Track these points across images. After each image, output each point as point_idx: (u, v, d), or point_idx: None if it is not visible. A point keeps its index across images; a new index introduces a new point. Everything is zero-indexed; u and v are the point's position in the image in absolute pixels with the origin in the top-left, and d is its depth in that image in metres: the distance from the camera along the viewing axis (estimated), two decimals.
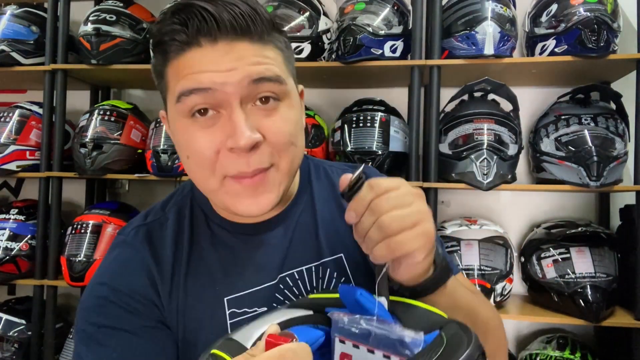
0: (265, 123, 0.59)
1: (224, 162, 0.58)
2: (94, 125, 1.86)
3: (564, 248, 1.62)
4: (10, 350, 1.87)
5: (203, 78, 0.56)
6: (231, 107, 0.57)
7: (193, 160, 0.61)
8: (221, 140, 0.58)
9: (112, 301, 0.63)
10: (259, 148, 0.58)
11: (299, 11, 1.77)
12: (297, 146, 0.62)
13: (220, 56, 0.57)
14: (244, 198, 0.60)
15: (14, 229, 1.91)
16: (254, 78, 0.57)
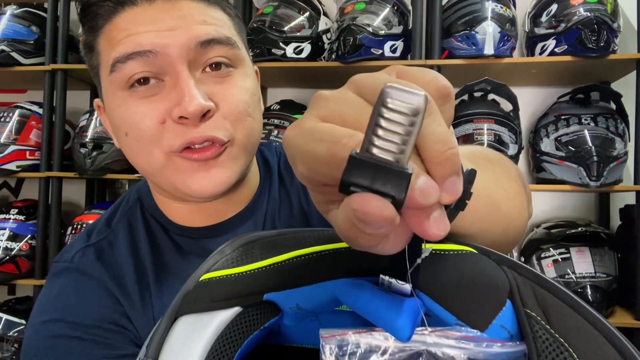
0: (218, 90, 0.51)
1: (171, 134, 0.49)
2: (94, 125, 1.86)
3: (564, 248, 1.62)
4: (10, 350, 1.87)
5: (141, 39, 0.48)
6: (176, 71, 0.49)
7: (132, 136, 0.51)
8: (166, 108, 0.49)
9: (74, 337, 0.51)
10: (211, 118, 0.50)
11: (299, 11, 1.77)
12: (254, 118, 0.54)
13: (159, 13, 0.49)
14: (194, 173, 0.51)
15: (14, 229, 1.91)
16: (202, 40, 0.49)
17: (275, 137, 1.74)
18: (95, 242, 0.59)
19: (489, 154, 0.53)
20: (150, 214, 0.62)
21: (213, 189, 0.51)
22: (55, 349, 0.50)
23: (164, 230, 0.61)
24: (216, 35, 0.50)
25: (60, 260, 0.58)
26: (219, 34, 0.50)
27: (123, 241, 0.59)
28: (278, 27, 1.72)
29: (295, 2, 1.79)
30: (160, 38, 0.48)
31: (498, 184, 0.45)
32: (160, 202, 0.61)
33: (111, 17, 0.50)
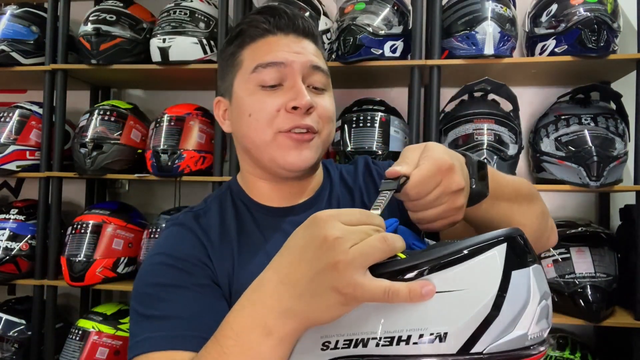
0: (317, 99, 0.74)
1: (283, 119, 0.72)
2: (94, 125, 1.86)
3: (564, 248, 1.62)
4: (10, 350, 1.87)
5: (278, 55, 0.73)
6: (295, 78, 0.73)
7: (254, 117, 0.73)
8: (283, 101, 0.72)
9: (169, 264, 0.70)
10: (311, 114, 0.73)
11: (299, 11, 1.77)
12: (333, 125, 0.79)
13: (291, 42, 0.75)
14: (291, 150, 0.72)
15: (14, 229, 1.91)
16: (314, 64, 0.75)
17: None
18: (194, 210, 0.81)
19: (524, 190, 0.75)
20: (237, 197, 0.82)
21: (302, 163, 0.73)
22: (154, 271, 0.70)
23: (246, 208, 0.80)
24: (321, 65, 0.76)
25: (170, 220, 0.81)
26: (323, 66, 0.77)
27: (214, 212, 0.79)
28: None
29: (295, 2, 1.79)
30: (291, 56, 0.73)
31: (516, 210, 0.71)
32: (248, 184, 0.82)
33: (257, 39, 0.76)
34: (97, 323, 1.78)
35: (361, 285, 0.42)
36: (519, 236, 0.46)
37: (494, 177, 0.66)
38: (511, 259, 0.44)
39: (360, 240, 0.44)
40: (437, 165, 0.55)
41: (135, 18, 1.93)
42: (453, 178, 0.56)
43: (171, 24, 1.82)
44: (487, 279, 0.43)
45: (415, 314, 0.43)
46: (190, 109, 1.88)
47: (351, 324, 0.45)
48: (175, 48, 1.79)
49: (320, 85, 0.76)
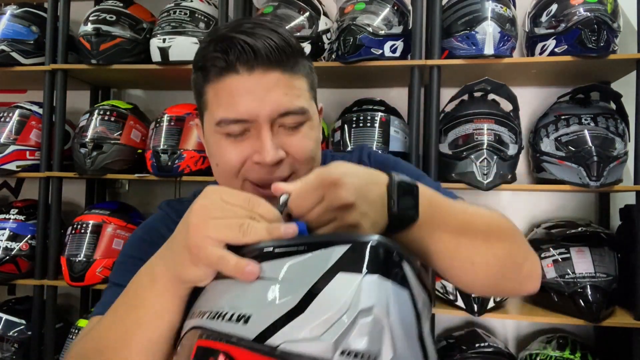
0: (289, 141, 0.67)
1: (249, 170, 0.67)
2: (94, 125, 1.86)
3: (564, 248, 1.62)
4: (10, 350, 1.87)
5: (240, 108, 0.65)
6: (260, 129, 0.66)
7: (221, 168, 0.70)
8: (248, 153, 0.66)
9: (143, 238, 0.78)
10: (281, 164, 0.67)
11: (299, 11, 1.77)
12: (315, 160, 0.71)
13: (255, 84, 0.65)
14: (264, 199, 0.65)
15: (14, 229, 1.91)
16: (281, 112, 0.66)
17: None
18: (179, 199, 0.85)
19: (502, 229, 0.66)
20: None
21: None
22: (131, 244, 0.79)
23: None
24: (292, 108, 0.66)
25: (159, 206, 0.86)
26: (295, 106, 0.67)
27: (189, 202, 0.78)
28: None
29: (295, 2, 1.79)
30: (253, 109, 0.65)
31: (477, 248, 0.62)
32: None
33: (219, 77, 0.67)
34: None
35: (204, 248, 0.48)
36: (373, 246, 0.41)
37: (437, 203, 0.60)
38: (344, 262, 0.41)
39: (223, 218, 0.48)
40: (318, 179, 0.52)
41: (135, 18, 1.93)
42: (337, 193, 0.51)
43: (171, 24, 1.82)
44: (309, 274, 0.41)
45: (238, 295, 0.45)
46: (190, 109, 1.88)
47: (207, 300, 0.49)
48: (175, 48, 1.79)
49: (294, 124, 0.67)
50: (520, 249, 0.68)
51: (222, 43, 0.66)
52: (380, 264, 0.41)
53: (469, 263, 0.61)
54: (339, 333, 0.38)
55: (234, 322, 0.42)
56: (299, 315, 0.39)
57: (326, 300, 0.39)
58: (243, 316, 0.42)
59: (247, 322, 0.41)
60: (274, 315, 0.40)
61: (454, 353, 1.67)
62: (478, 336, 1.76)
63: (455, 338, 1.78)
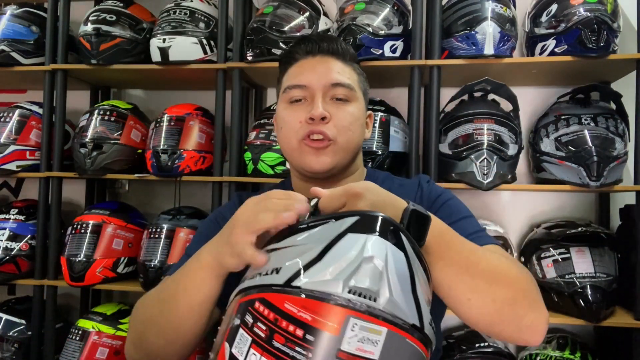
0: (334, 110, 0.88)
1: (303, 128, 0.87)
2: (94, 125, 1.86)
3: (564, 248, 1.62)
4: (10, 350, 1.86)
5: (303, 77, 0.90)
6: (314, 95, 0.88)
7: (284, 129, 0.91)
8: (304, 115, 0.88)
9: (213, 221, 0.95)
10: (326, 123, 0.87)
11: (299, 11, 1.77)
12: (353, 132, 0.90)
13: (317, 63, 0.91)
14: (311, 155, 0.88)
15: (14, 229, 1.91)
16: (333, 82, 0.89)
17: (275, 137, 1.74)
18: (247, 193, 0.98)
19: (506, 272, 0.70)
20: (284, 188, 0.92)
21: (320, 167, 0.89)
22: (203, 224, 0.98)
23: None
24: (342, 81, 0.89)
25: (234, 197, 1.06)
26: (344, 80, 0.90)
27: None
28: (278, 27, 1.72)
29: (295, 2, 1.79)
30: (312, 78, 0.89)
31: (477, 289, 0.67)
32: (295, 184, 1.00)
33: (292, 64, 0.94)
34: (97, 323, 1.78)
35: (242, 247, 0.61)
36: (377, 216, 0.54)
37: (448, 237, 0.67)
38: (354, 227, 0.54)
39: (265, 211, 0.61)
40: (345, 190, 0.63)
41: (135, 18, 1.93)
42: (357, 202, 0.62)
43: (171, 24, 1.82)
44: (327, 235, 0.54)
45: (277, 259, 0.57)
46: (190, 109, 1.88)
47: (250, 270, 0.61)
48: (175, 48, 1.79)
49: (342, 96, 0.89)
50: (525, 299, 0.69)
51: (300, 41, 0.94)
52: (382, 229, 0.53)
53: (465, 298, 0.66)
54: (346, 274, 0.50)
55: (268, 275, 0.54)
56: (317, 263, 0.52)
57: (338, 251, 0.52)
58: (275, 269, 0.54)
59: (278, 273, 0.53)
60: (299, 265, 0.52)
61: (454, 353, 1.67)
62: (478, 336, 1.76)
63: (455, 338, 1.78)
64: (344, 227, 0.54)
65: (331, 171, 0.90)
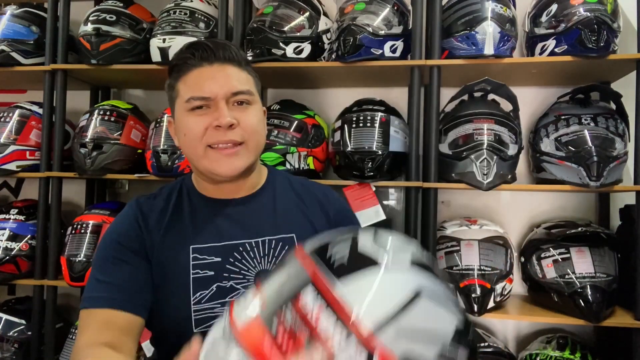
0: (240, 115, 0.90)
1: (210, 136, 0.89)
2: (94, 125, 1.86)
3: (564, 248, 1.62)
4: (10, 350, 1.87)
5: (205, 88, 0.89)
6: (218, 104, 0.89)
7: (188, 137, 0.91)
8: (209, 122, 0.89)
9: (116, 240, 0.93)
10: (234, 129, 0.89)
11: (299, 11, 1.77)
12: (259, 133, 0.94)
13: (215, 72, 0.90)
14: (222, 161, 0.90)
15: (14, 229, 1.91)
16: (234, 91, 0.90)
17: (275, 137, 1.74)
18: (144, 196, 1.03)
19: None
20: (186, 187, 1.01)
21: (233, 171, 0.91)
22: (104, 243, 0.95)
23: (189, 195, 1.00)
24: (242, 89, 0.91)
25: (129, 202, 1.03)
26: (244, 87, 0.92)
27: (161, 198, 1.00)
28: (278, 27, 1.72)
29: (295, 2, 1.79)
30: (214, 88, 0.89)
31: None
32: (197, 182, 1.00)
33: (187, 72, 0.92)
34: None
35: None
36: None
37: None
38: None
39: None
40: None
41: (135, 18, 1.93)
42: None
43: (171, 24, 1.82)
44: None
45: None
46: None
47: None
48: (175, 48, 1.78)
49: (243, 101, 0.91)
50: None
51: (191, 46, 0.92)
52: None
53: None
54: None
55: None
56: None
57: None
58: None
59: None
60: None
61: None
62: (478, 336, 1.76)
63: None
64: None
65: (242, 175, 0.94)
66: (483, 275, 1.59)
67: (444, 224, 1.81)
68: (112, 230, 0.96)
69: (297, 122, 1.78)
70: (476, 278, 1.59)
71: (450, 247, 1.68)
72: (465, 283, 1.59)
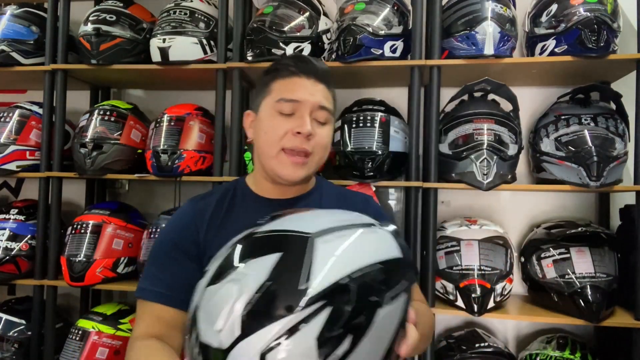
0: (317, 129, 0.99)
1: (288, 140, 0.97)
2: (94, 125, 1.86)
3: (564, 248, 1.62)
4: (10, 350, 1.87)
5: (297, 93, 0.98)
6: (304, 112, 0.98)
7: (268, 135, 0.99)
8: (291, 127, 0.97)
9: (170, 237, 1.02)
10: (310, 140, 0.98)
11: (299, 11, 1.77)
12: (325, 151, 1.03)
13: (309, 85, 1.00)
14: (288, 167, 0.98)
15: (14, 229, 1.91)
16: (320, 105, 0.99)
17: None
18: (199, 195, 1.09)
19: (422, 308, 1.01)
20: (239, 187, 1.09)
21: (294, 178, 0.99)
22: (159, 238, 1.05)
23: (243, 195, 1.08)
24: (327, 106, 1.01)
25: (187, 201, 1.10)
26: (329, 106, 1.01)
27: (215, 196, 1.07)
28: (278, 27, 1.72)
29: (295, 2, 1.79)
30: (305, 96, 0.98)
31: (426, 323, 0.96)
32: (255, 179, 1.09)
33: (285, 76, 1.00)
34: (97, 323, 1.78)
35: None
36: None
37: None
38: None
39: None
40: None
41: (135, 18, 1.93)
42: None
43: (171, 24, 1.82)
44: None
45: None
46: (190, 109, 1.88)
47: None
48: (175, 48, 1.79)
49: (323, 120, 1.00)
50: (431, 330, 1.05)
51: (296, 57, 1.04)
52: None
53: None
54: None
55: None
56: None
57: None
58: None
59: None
60: None
61: (454, 353, 1.67)
62: (478, 336, 1.76)
63: (455, 338, 1.78)
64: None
65: (300, 181, 1.02)
66: (483, 275, 1.59)
67: (444, 224, 1.81)
68: (169, 229, 1.04)
69: None
70: (476, 278, 1.59)
71: (450, 247, 1.68)
72: (465, 283, 1.59)
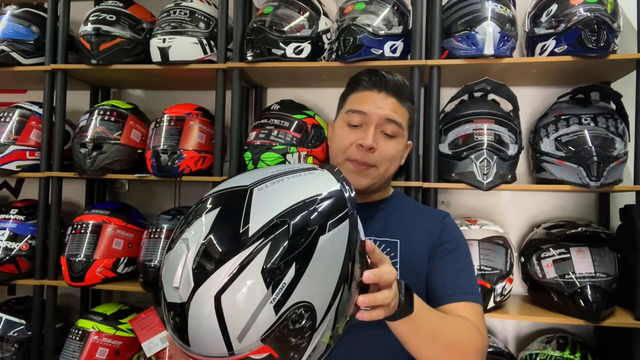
0: (382, 142, 1.03)
1: (352, 151, 1.03)
2: (94, 125, 1.86)
3: (564, 248, 1.62)
4: (10, 350, 1.87)
5: (365, 106, 1.03)
6: (369, 125, 1.03)
7: (336, 145, 1.06)
8: (356, 139, 1.02)
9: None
10: (372, 152, 1.02)
11: (299, 11, 1.77)
12: (391, 164, 1.06)
13: (379, 98, 1.04)
14: (352, 174, 1.02)
15: (14, 229, 1.91)
16: (387, 118, 1.03)
17: (275, 137, 1.74)
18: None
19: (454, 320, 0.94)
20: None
21: (356, 186, 0.97)
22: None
23: None
24: (395, 119, 1.03)
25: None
26: (398, 119, 1.04)
27: None
28: (278, 27, 1.72)
29: (295, 2, 1.79)
30: (372, 109, 1.03)
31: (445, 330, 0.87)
32: None
33: (358, 90, 1.07)
34: (97, 323, 1.78)
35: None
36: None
37: (421, 307, 0.81)
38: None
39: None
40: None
41: (135, 18, 1.93)
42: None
43: (171, 24, 1.82)
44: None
45: None
46: (190, 109, 1.88)
47: None
48: (175, 48, 1.79)
49: (391, 132, 1.03)
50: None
51: (370, 72, 1.07)
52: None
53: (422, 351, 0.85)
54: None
55: None
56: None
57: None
58: None
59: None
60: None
61: None
62: None
63: None
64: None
65: (364, 190, 1.06)
66: (483, 275, 1.59)
67: None
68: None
69: (297, 122, 1.78)
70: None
71: None
72: None
